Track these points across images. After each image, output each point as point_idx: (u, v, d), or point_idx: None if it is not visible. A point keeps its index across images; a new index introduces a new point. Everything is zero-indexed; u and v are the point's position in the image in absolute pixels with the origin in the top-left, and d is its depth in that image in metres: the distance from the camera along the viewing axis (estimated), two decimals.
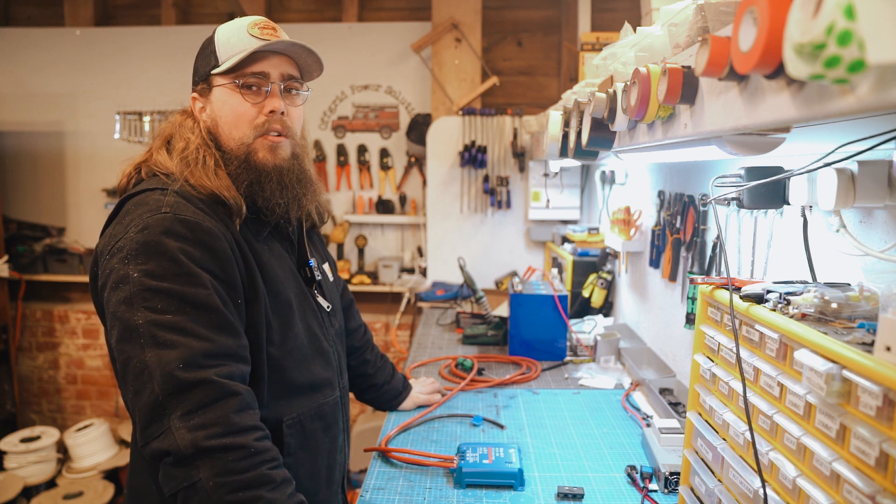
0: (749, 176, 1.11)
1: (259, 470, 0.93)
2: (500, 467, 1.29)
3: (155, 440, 0.92)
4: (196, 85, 1.18)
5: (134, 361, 0.94)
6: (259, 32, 1.12)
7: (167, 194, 1.04)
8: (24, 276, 3.66)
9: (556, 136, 1.70)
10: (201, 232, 1.00)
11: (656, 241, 1.96)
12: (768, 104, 0.60)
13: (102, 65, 3.67)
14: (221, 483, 0.90)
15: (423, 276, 3.44)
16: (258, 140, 1.13)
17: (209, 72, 1.14)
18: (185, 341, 0.94)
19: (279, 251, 1.19)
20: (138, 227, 0.99)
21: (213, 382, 0.93)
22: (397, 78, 3.57)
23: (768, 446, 0.81)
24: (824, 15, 0.42)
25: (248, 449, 0.93)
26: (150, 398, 0.92)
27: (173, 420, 0.91)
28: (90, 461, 3.47)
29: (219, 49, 1.13)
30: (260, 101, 1.13)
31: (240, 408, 0.95)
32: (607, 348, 2.09)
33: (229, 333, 0.99)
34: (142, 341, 0.93)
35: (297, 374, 1.15)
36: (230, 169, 1.13)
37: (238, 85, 1.12)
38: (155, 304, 0.95)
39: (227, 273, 1.03)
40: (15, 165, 3.82)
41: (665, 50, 0.97)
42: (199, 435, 0.90)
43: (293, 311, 1.16)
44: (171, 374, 0.91)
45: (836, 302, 0.77)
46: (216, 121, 1.15)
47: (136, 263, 0.96)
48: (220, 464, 0.91)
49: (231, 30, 1.14)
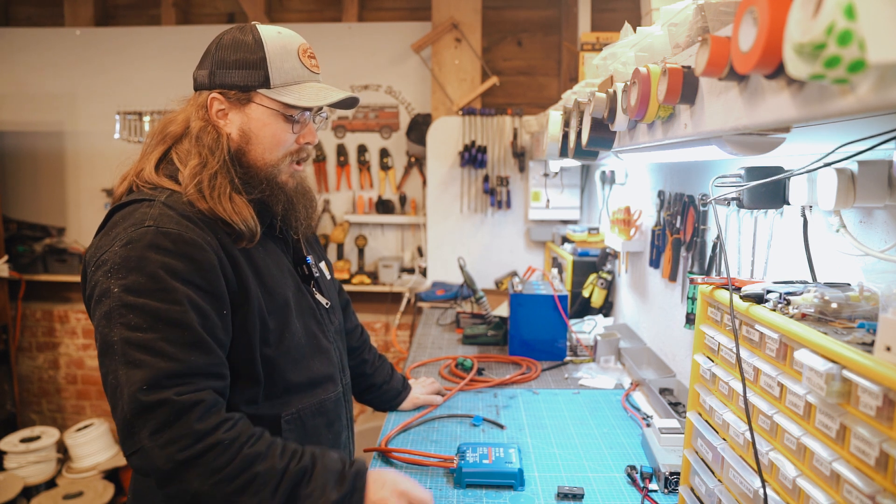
0: (749, 176, 1.10)
1: (240, 454, 0.96)
2: (500, 467, 1.29)
3: (133, 456, 0.95)
4: (227, 88, 1.12)
5: (110, 378, 0.96)
6: (309, 63, 1.15)
7: (153, 206, 1.03)
8: (24, 276, 3.66)
9: (556, 136, 1.70)
10: (184, 244, 1.00)
11: (656, 241, 1.96)
12: (768, 104, 0.60)
13: (102, 65, 3.67)
14: (215, 482, 0.94)
15: (423, 276, 3.44)
16: (287, 166, 1.16)
17: (254, 87, 1.11)
18: (152, 361, 0.95)
19: (273, 250, 1.19)
20: (122, 241, 0.99)
21: (172, 402, 0.94)
22: (397, 78, 3.57)
23: (768, 446, 0.81)
24: (824, 15, 0.42)
25: (221, 444, 0.95)
26: (121, 415, 0.94)
27: (144, 440, 0.93)
28: (90, 461, 3.47)
29: (272, 67, 1.10)
30: (299, 130, 1.16)
31: (201, 414, 0.96)
32: (607, 348, 2.09)
33: (201, 351, 0.99)
34: (116, 358, 0.95)
35: (295, 372, 1.15)
36: (255, 193, 1.13)
37: (289, 117, 1.13)
38: (129, 321, 0.96)
39: (212, 284, 1.02)
40: (15, 165, 3.82)
41: (665, 50, 0.97)
42: (172, 450, 0.93)
43: (290, 310, 1.16)
44: (135, 395, 0.93)
45: (836, 302, 0.77)
46: (249, 137, 1.13)
47: (117, 278, 0.97)
48: (204, 468, 0.94)
49: (282, 50, 1.12)
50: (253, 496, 0.95)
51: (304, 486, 0.99)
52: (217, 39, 1.15)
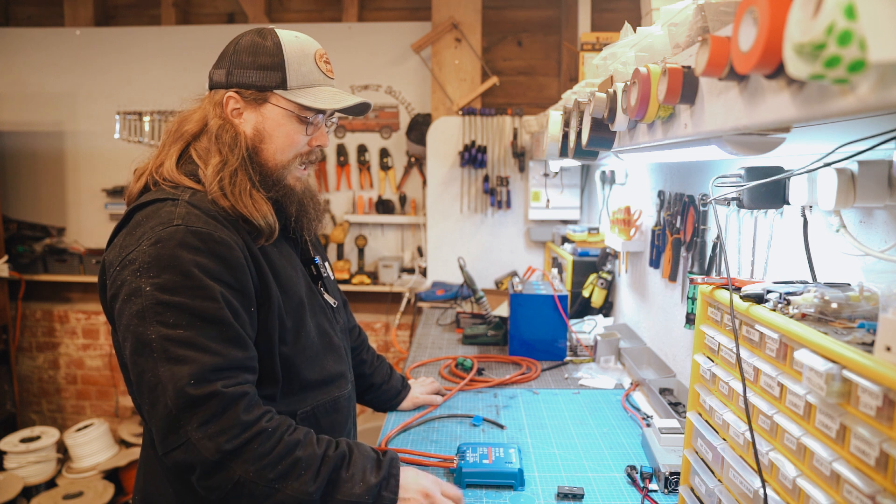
0: (749, 176, 1.10)
1: (282, 441, 1.00)
2: (501, 467, 1.29)
3: (176, 451, 0.96)
4: (244, 87, 1.13)
5: (147, 375, 0.96)
6: (325, 68, 1.17)
7: (178, 205, 1.04)
8: (24, 276, 3.66)
9: (556, 136, 1.70)
10: (214, 242, 1.01)
11: (656, 241, 1.96)
12: (768, 104, 0.60)
13: (102, 65, 3.67)
14: (259, 468, 0.97)
15: (423, 276, 3.44)
16: (296, 168, 1.18)
17: (271, 88, 1.12)
18: (196, 356, 0.96)
19: (288, 251, 1.21)
20: (151, 240, 0.99)
21: (222, 394, 0.96)
22: (397, 78, 3.56)
23: (768, 446, 0.81)
24: (824, 15, 0.42)
25: (265, 432, 0.99)
26: (164, 411, 0.95)
27: (191, 432, 0.95)
28: (90, 461, 3.47)
29: (289, 69, 1.12)
30: (312, 133, 1.17)
31: (247, 406, 0.99)
32: (607, 348, 2.09)
33: (238, 346, 1.01)
34: (155, 356, 0.96)
35: (310, 371, 1.18)
36: (269, 193, 1.14)
37: (303, 119, 1.14)
38: (167, 319, 0.96)
39: (241, 282, 1.04)
40: (15, 165, 3.82)
41: (665, 50, 0.97)
42: (220, 440, 0.95)
43: (305, 309, 1.18)
44: (183, 390, 0.94)
45: (836, 302, 0.77)
46: (263, 136, 1.14)
47: (148, 277, 0.97)
48: (250, 455, 0.97)
49: (300, 53, 1.13)
50: (295, 480, 0.99)
51: (345, 470, 1.04)
52: (235, 41, 1.15)
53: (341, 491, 1.02)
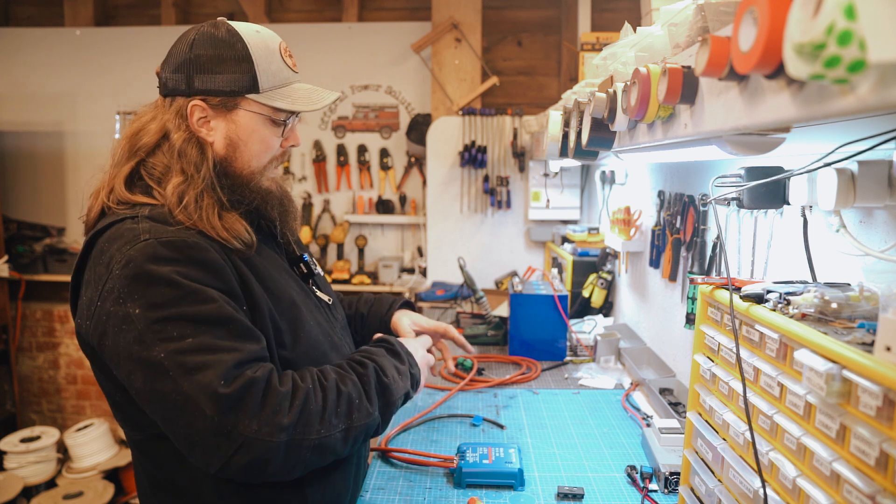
0: (749, 176, 1.10)
1: (326, 388, 1.00)
2: (501, 467, 1.29)
3: (236, 456, 0.90)
4: (210, 95, 1.03)
5: (172, 397, 0.89)
6: (291, 63, 1.11)
7: (139, 221, 0.97)
8: (24, 276, 3.66)
9: (556, 136, 1.70)
10: (188, 248, 0.95)
11: (656, 241, 1.96)
12: (768, 104, 0.60)
13: (102, 65, 3.68)
14: (326, 424, 0.97)
15: (423, 276, 3.44)
16: (271, 171, 1.13)
17: (242, 92, 1.03)
18: (215, 359, 0.90)
19: (268, 253, 1.16)
20: (121, 262, 0.92)
21: (255, 379, 0.92)
22: (397, 78, 3.57)
23: (768, 446, 0.81)
24: (824, 15, 0.42)
25: (309, 391, 0.98)
26: (206, 423, 0.88)
27: (244, 429, 0.89)
28: (90, 461, 3.47)
29: (259, 70, 1.04)
30: (286, 134, 1.12)
31: (280, 379, 0.97)
32: (607, 348, 2.09)
33: (251, 339, 0.97)
34: (171, 374, 0.88)
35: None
36: (244, 205, 1.08)
37: (277, 122, 1.08)
38: (170, 334, 0.90)
39: (226, 283, 0.98)
40: (15, 165, 3.82)
41: (665, 50, 0.97)
42: (278, 420, 0.92)
43: (300, 309, 1.13)
44: (216, 393, 0.88)
45: (836, 302, 0.77)
46: (236, 145, 1.06)
47: (132, 300, 0.90)
48: (310, 417, 0.95)
49: (266, 50, 1.06)
50: (357, 412, 1.01)
51: (384, 376, 1.09)
52: (188, 39, 1.05)
53: (393, 393, 1.08)
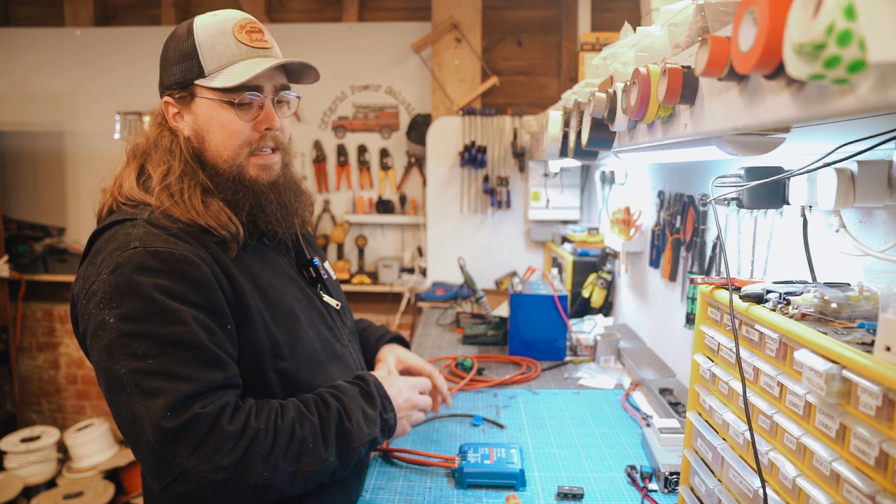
0: (749, 176, 1.10)
1: (278, 429, 0.97)
2: (502, 468, 1.29)
3: (173, 484, 0.90)
4: (170, 89, 1.06)
5: (124, 413, 0.91)
6: (248, 39, 1.04)
7: (136, 226, 0.98)
8: (24, 276, 3.67)
9: (556, 136, 1.70)
10: (175, 261, 0.95)
11: (656, 241, 1.96)
12: (768, 104, 0.60)
13: (102, 65, 3.68)
14: (271, 466, 0.94)
15: (423, 276, 3.44)
16: (250, 159, 1.08)
17: (192, 80, 1.03)
18: (170, 386, 0.90)
19: (272, 258, 1.14)
20: (109, 267, 0.94)
21: (201, 415, 0.91)
22: (397, 78, 3.57)
23: (768, 446, 0.81)
24: (824, 15, 0.42)
25: (259, 431, 0.95)
26: (148, 449, 0.90)
27: (182, 463, 0.89)
28: (90, 461, 3.47)
29: (203, 54, 1.02)
30: (253, 116, 1.06)
31: (230, 416, 0.94)
32: (607, 348, 2.09)
33: (217, 367, 0.95)
34: (127, 391, 0.90)
35: (315, 382, 1.12)
36: (226, 194, 1.06)
37: (232, 103, 1.04)
38: (135, 350, 0.91)
39: (211, 300, 0.97)
40: (15, 165, 3.82)
41: (665, 50, 0.97)
42: (218, 459, 0.90)
43: (298, 318, 1.11)
44: (159, 425, 0.88)
45: (836, 302, 0.77)
46: (201, 135, 1.06)
47: (110, 308, 0.92)
48: (255, 459, 0.93)
49: (215, 32, 1.03)
50: (309, 456, 0.97)
51: (347, 422, 1.03)
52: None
53: (354, 440, 1.02)
